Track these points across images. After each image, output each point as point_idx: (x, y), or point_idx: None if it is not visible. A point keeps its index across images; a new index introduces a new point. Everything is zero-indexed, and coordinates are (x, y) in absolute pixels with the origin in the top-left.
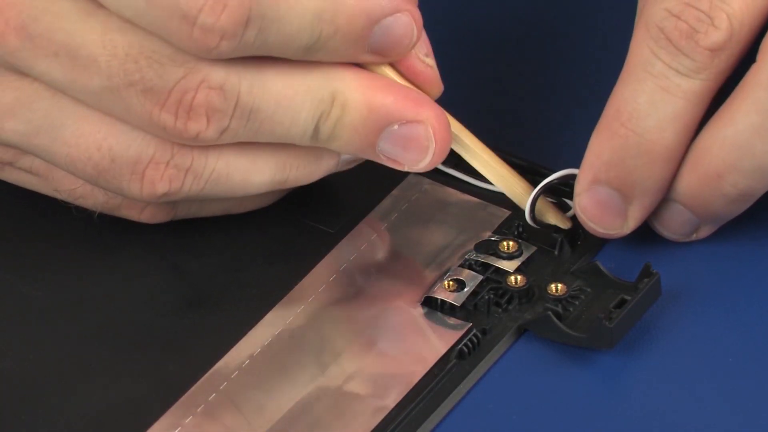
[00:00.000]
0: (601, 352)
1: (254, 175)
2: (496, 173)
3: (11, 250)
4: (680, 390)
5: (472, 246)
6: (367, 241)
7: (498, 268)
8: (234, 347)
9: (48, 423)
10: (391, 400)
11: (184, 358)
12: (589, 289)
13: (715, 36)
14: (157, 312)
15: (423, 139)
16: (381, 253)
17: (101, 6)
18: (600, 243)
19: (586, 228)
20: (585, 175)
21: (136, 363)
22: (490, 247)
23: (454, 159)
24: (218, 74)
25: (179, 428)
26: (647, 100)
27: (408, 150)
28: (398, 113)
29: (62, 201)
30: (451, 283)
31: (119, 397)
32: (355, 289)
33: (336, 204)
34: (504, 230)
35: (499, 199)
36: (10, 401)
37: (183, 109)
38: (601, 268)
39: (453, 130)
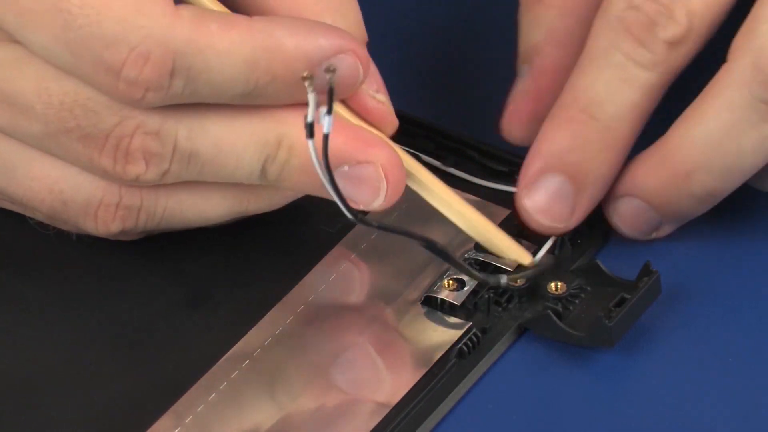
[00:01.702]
0: (601, 351)
1: (209, 210)
2: (454, 211)
3: (10, 250)
4: (680, 390)
5: (472, 245)
6: (367, 240)
7: (498, 267)
8: (234, 347)
9: (48, 423)
10: (391, 400)
11: (184, 358)
12: (589, 288)
13: (674, 30)
14: (157, 312)
15: (374, 180)
16: (381, 253)
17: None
18: (601, 241)
19: (532, 225)
20: (533, 165)
21: (136, 363)
22: None
23: (454, 158)
24: (154, 120)
25: (179, 428)
26: (605, 89)
27: (359, 190)
28: (347, 155)
29: (39, 225)
30: (451, 282)
31: (119, 397)
32: (355, 289)
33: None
34: (504, 229)
35: (499, 198)
36: (9, 401)
37: (120, 153)
38: (601, 266)
39: (408, 168)
